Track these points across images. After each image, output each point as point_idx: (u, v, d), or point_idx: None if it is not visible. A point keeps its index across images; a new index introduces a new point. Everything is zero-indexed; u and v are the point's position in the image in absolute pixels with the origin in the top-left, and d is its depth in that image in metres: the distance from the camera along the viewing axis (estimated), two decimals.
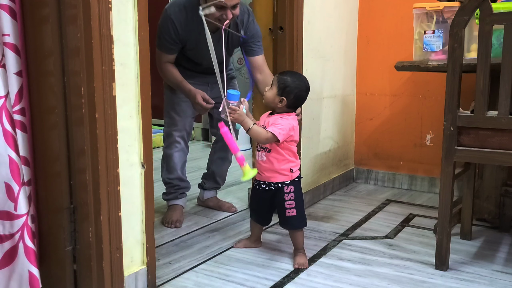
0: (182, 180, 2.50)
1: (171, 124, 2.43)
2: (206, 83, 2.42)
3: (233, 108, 1.88)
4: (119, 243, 1.57)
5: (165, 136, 2.48)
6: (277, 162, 1.94)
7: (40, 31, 1.47)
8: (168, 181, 2.49)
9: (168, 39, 2.21)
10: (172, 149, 2.44)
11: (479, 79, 1.76)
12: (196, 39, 2.23)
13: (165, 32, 2.21)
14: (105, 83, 1.46)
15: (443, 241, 1.91)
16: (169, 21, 2.19)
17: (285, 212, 1.97)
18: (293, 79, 1.94)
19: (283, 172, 1.95)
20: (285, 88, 1.92)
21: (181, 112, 2.40)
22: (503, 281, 1.84)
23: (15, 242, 1.45)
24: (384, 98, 3.18)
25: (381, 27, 3.13)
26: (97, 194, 1.49)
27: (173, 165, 2.45)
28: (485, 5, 1.72)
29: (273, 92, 1.94)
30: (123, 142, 1.56)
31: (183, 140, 2.45)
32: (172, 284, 1.81)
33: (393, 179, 3.22)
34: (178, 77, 2.28)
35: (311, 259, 2.04)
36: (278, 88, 1.92)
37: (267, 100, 1.96)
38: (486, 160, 1.85)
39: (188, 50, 2.30)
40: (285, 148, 1.94)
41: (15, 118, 1.46)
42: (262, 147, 1.96)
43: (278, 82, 1.93)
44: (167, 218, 2.43)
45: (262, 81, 2.27)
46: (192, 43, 2.25)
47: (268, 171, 1.96)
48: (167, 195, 2.53)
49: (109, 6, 1.45)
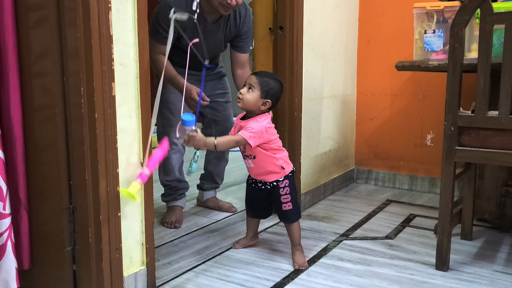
0: (180, 181, 2.49)
1: (166, 124, 2.36)
2: (198, 81, 2.31)
3: (191, 136, 1.77)
4: (119, 243, 1.56)
5: (160, 137, 2.40)
6: (266, 164, 1.94)
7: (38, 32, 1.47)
8: (166, 183, 2.48)
9: (165, 27, 2.09)
10: (169, 151, 2.38)
11: (480, 79, 1.76)
12: (193, 28, 2.15)
13: (162, 19, 2.11)
14: (105, 83, 1.46)
15: (443, 241, 1.91)
16: (168, 8, 2.07)
17: (282, 206, 1.98)
18: (274, 81, 1.92)
19: (276, 171, 1.96)
20: (269, 90, 1.89)
21: (176, 112, 2.33)
22: (504, 282, 1.84)
23: (4, 241, 1.46)
24: (384, 98, 3.18)
25: (382, 26, 3.13)
26: (97, 194, 1.48)
27: (171, 167, 2.42)
28: (485, 5, 1.72)
29: (255, 95, 1.87)
30: (122, 142, 1.56)
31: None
32: (172, 285, 1.80)
33: (393, 179, 3.21)
34: (171, 70, 2.19)
35: (311, 260, 2.03)
36: (261, 91, 1.87)
37: (247, 103, 1.88)
38: (487, 160, 1.85)
39: (184, 40, 2.17)
40: (268, 148, 1.92)
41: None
42: (246, 155, 1.95)
43: (260, 85, 1.87)
44: (166, 218, 2.42)
45: (241, 76, 2.27)
46: (189, 33, 2.15)
47: (261, 175, 1.97)
48: (166, 197, 2.51)
49: (109, 6, 1.44)
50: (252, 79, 1.91)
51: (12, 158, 1.53)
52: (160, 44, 2.14)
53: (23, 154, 1.54)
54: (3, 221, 1.45)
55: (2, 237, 1.45)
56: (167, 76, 2.20)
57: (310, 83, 2.67)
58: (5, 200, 1.44)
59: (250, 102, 1.88)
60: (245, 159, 1.98)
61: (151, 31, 2.16)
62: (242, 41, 2.29)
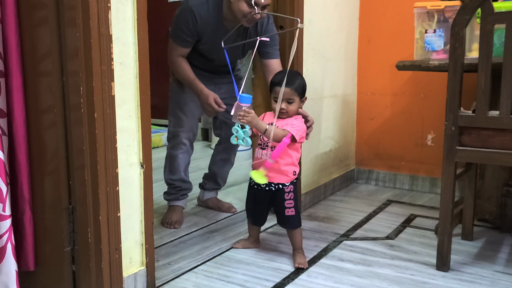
0: (185, 182, 2.48)
1: (177, 124, 2.38)
2: (213, 83, 2.36)
3: (246, 111, 1.83)
4: (118, 243, 1.56)
5: (170, 136, 2.43)
6: (283, 163, 1.92)
7: (39, 31, 1.47)
8: (170, 182, 2.47)
9: (186, 31, 2.14)
10: (177, 151, 2.40)
11: (481, 78, 1.75)
12: (213, 33, 2.16)
13: (184, 23, 2.14)
14: (104, 82, 1.46)
15: (444, 241, 1.90)
16: (190, 12, 2.11)
17: (285, 211, 1.96)
18: (298, 77, 1.95)
19: (286, 173, 1.94)
20: (303, 89, 1.95)
21: (188, 113, 2.35)
22: (505, 282, 1.83)
23: (3, 243, 1.45)
24: (385, 97, 3.17)
25: (382, 26, 3.12)
26: (96, 195, 1.48)
27: (177, 167, 2.42)
28: (486, 4, 1.71)
29: (296, 102, 1.93)
30: (122, 142, 1.55)
31: (189, 142, 2.40)
32: (172, 285, 1.80)
33: (394, 180, 3.21)
34: (190, 74, 2.21)
35: (311, 260, 2.03)
36: (299, 96, 1.93)
37: (293, 113, 1.94)
38: (488, 160, 1.84)
39: (202, 44, 2.22)
40: (293, 149, 1.92)
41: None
42: (267, 145, 1.91)
43: (296, 91, 1.91)
44: (166, 218, 2.42)
45: None
46: (208, 37, 2.18)
47: (271, 171, 1.92)
48: (168, 195, 2.51)
49: (108, 5, 1.44)
50: (287, 93, 1.89)
51: (17, 159, 1.52)
52: (180, 47, 2.18)
53: (27, 155, 1.54)
54: (2, 223, 1.44)
55: (1, 239, 1.44)
56: (186, 79, 2.23)
57: (311, 82, 2.66)
58: (5, 202, 1.43)
59: (295, 111, 1.95)
60: (263, 149, 1.94)
61: (172, 33, 2.21)
62: (266, 47, 2.24)
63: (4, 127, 1.50)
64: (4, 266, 1.46)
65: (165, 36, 2.21)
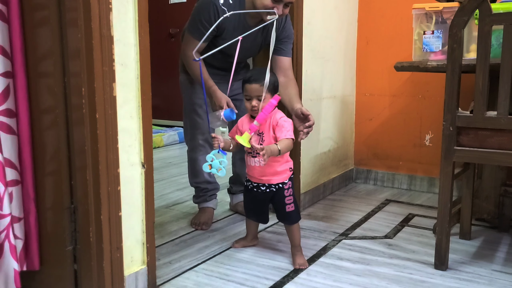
0: (210, 183, 2.45)
1: (193, 126, 2.35)
2: (226, 82, 2.20)
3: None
4: (120, 242, 1.57)
5: (188, 138, 2.40)
6: (278, 164, 1.93)
7: (40, 32, 1.48)
8: (195, 185, 2.45)
9: (206, 25, 2.05)
10: (196, 153, 2.37)
11: (478, 79, 1.77)
12: (234, 29, 2.11)
13: (204, 17, 2.07)
14: (106, 83, 1.47)
15: (442, 241, 1.92)
16: (212, 6, 2.05)
17: (286, 208, 1.96)
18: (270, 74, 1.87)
19: (284, 172, 1.95)
20: (274, 86, 1.90)
21: (203, 115, 2.31)
22: (502, 281, 1.85)
23: (1, 241, 1.45)
24: (383, 98, 3.19)
25: (381, 27, 3.14)
26: (98, 194, 1.49)
27: (199, 169, 2.34)
28: (484, 6, 1.73)
29: (267, 99, 1.87)
30: (123, 142, 1.56)
31: (207, 143, 2.35)
32: (172, 284, 1.81)
33: (392, 179, 3.22)
34: (205, 73, 2.13)
35: (310, 259, 2.04)
36: (271, 93, 1.87)
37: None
38: (485, 160, 1.86)
39: (222, 40, 2.14)
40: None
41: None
42: (257, 153, 1.87)
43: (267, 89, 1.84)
44: (195, 219, 2.41)
45: (284, 84, 2.17)
46: (229, 33, 2.12)
47: (268, 175, 1.94)
48: (197, 199, 2.48)
49: (110, 7, 1.45)
50: (256, 91, 1.87)
51: (22, 158, 1.53)
52: (197, 41, 2.07)
53: (31, 155, 1.55)
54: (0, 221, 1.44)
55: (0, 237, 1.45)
56: (199, 77, 2.14)
57: (310, 83, 2.68)
58: (2, 200, 1.44)
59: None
60: (254, 157, 1.92)
61: (190, 26, 2.14)
62: (281, 44, 2.20)
63: (14, 127, 1.51)
64: (1, 264, 1.46)
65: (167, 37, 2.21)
